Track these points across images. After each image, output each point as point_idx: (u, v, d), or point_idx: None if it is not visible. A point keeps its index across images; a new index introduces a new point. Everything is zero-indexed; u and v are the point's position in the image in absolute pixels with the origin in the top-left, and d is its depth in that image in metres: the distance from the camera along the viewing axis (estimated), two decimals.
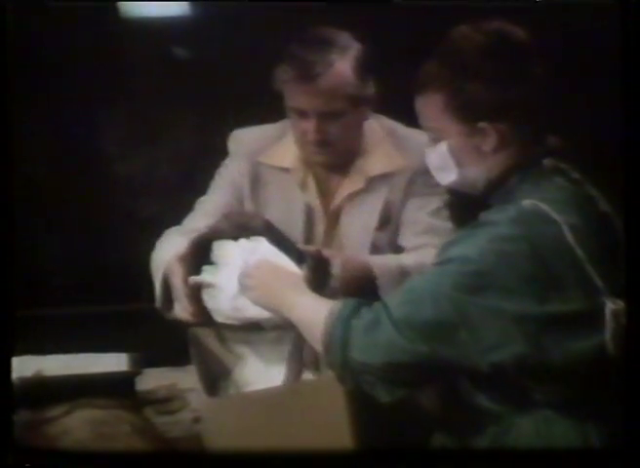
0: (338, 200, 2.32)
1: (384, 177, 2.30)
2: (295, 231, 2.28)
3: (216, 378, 2.10)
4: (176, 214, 2.38)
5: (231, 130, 2.40)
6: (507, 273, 1.69)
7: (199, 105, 3.40)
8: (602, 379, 1.73)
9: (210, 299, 2.04)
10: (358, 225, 2.30)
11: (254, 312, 1.99)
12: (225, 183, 2.39)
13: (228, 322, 2.03)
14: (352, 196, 2.31)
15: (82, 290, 3.36)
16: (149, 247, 2.28)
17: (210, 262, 2.06)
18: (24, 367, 2.16)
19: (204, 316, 2.05)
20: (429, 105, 1.81)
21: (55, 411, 2.06)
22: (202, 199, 2.41)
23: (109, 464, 1.84)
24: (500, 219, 1.73)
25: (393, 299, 1.76)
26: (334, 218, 2.33)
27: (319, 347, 1.80)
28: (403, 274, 2.13)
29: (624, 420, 1.73)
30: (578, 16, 2.64)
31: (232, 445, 1.90)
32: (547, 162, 1.80)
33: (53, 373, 2.18)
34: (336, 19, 2.23)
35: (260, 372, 2.05)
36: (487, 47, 1.77)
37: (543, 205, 1.72)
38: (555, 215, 1.72)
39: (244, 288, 1.97)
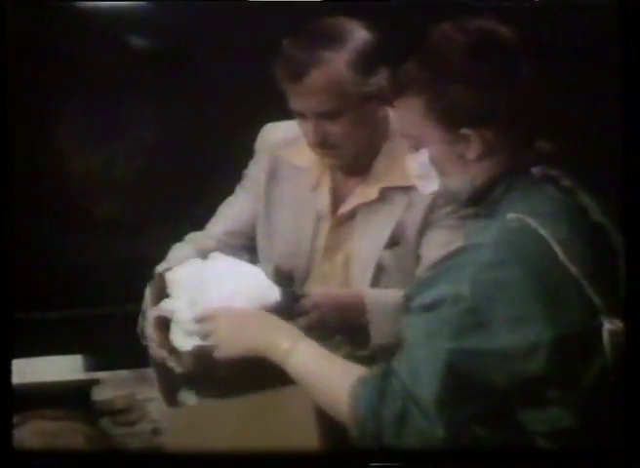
0: (347, 207, 2.16)
1: (403, 191, 2.10)
2: (304, 238, 2.17)
3: (177, 387, 2.01)
4: (135, 214, 2.30)
5: (192, 122, 2.32)
6: (503, 304, 1.60)
7: (159, 99, 3.32)
8: (602, 408, 1.65)
9: (175, 334, 1.95)
10: (366, 240, 2.13)
11: None
12: (247, 183, 2.28)
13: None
14: (363, 206, 2.15)
15: (36, 292, 3.28)
16: (105, 247, 2.20)
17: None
18: None
19: (170, 348, 1.94)
20: (408, 110, 1.73)
21: None
22: (227, 200, 2.30)
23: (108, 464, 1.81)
24: (483, 242, 1.64)
25: (411, 380, 1.64)
26: (340, 227, 2.17)
27: (345, 421, 1.70)
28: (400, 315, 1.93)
29: (624, 421, 1.66)
30: (573, 16, 2.61)
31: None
32: (536, 170, 1.72)
33: None
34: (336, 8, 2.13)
35: None
36: (469, 47, 1.70)
37: (530, 219, 1.64)
38: (543, 231, 1.63)
39: (203, 335, 1.88)
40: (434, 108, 1.69)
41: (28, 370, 2.13)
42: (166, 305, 1.96)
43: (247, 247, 2.28)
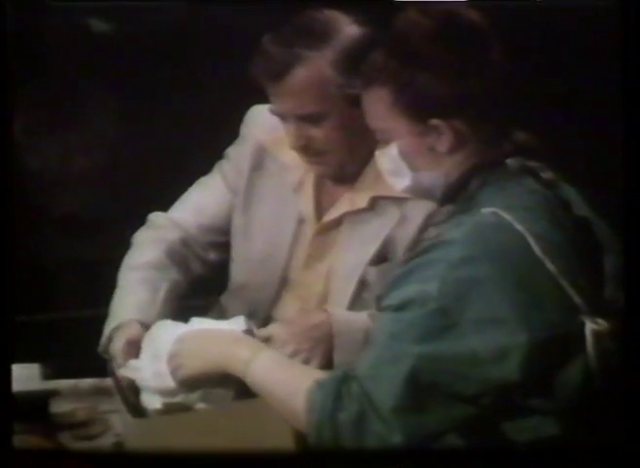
0: (333, 215, 2.03)
1: (395, 203, 1.96)
2: (283, 241, 2.06)
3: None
4: (96, 212, 2.22)
5: (157, 114, 2.23)
6: (473, 304, 1.53)
7: (121, 88, 3.23)
8: (587, 416, 1.58)
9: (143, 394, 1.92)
10: (350, 252, 2.01)
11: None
12: (228, 167, 2.15)
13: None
14: (350, 214, 2.02)
15: None
16: (64, 248, 2.12)
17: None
18: None
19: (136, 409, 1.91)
20: (375, 102, 1.66)
21: None
22: (201, 182, 2.17)
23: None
24: (454, 238, 1.57)
25: (371, 382, 1.58)
26: (325, 235, 2.05)
27: (299, 426, 1.65)
28: (368, 339, 1.83)
29: (625, 420, 1.60)
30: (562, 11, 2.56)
31: None
32: (512, 162, 1.65)
33: None
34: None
35: None
36: (436, 32, 1.63)
37: (506, 214, 1.57)
38: (519, 226, 1.56)
39: (174, 370, 1.83)
40: (401, 98, 1.63)
41: None
42: (133, 364, 1.93)
43: (218, 243, 2.18)
